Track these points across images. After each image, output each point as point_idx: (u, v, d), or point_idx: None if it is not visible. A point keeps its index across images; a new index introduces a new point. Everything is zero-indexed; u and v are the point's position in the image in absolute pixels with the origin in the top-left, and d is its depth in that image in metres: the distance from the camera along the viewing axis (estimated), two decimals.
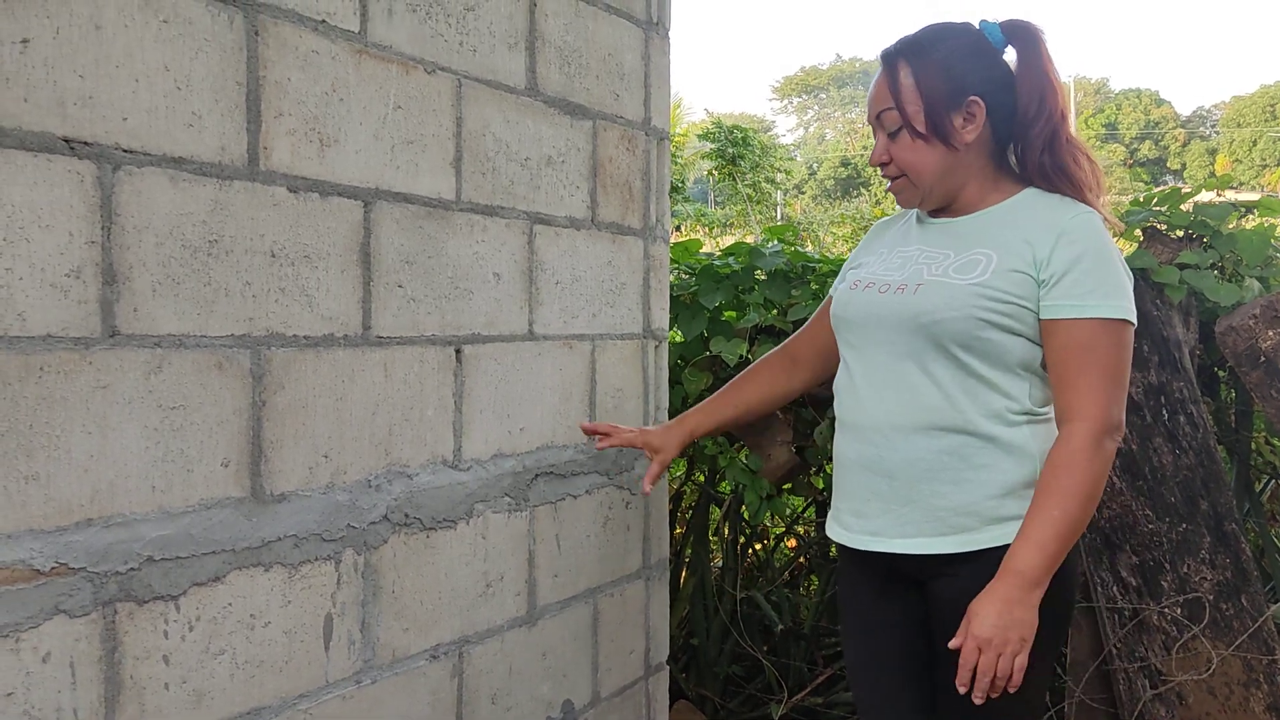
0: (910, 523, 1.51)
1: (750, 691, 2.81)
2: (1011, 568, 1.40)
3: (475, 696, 1.69)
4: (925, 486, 1.50)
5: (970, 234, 1.54)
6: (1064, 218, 1.48)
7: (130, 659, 1.20)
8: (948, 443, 1.48)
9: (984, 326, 1.46)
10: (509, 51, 1.73)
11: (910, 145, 1.53)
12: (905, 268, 1.57)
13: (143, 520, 1.20)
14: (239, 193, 1.30)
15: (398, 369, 1.54)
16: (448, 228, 1.62)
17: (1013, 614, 1.39)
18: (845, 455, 1.61)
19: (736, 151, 12.70)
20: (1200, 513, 2.21)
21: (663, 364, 2.18)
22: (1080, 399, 1.43)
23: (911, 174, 1.55)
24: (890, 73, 1.54)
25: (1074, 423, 1.43)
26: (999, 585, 1.40)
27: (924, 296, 1.50)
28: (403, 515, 1.55)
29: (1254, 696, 2.12)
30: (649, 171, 2.10)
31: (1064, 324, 1.44)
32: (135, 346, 1.19)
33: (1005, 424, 1.48)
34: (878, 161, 1.58)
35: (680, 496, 3.00)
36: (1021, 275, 1.46)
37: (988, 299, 1.45)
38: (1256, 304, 2.27)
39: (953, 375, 1.49)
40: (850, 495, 1.60)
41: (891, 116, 1.53)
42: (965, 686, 1.41)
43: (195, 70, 1.24)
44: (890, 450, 1.52)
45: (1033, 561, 1.39)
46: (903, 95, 1.52)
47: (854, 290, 1.61)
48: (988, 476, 1.48)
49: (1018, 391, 1.49)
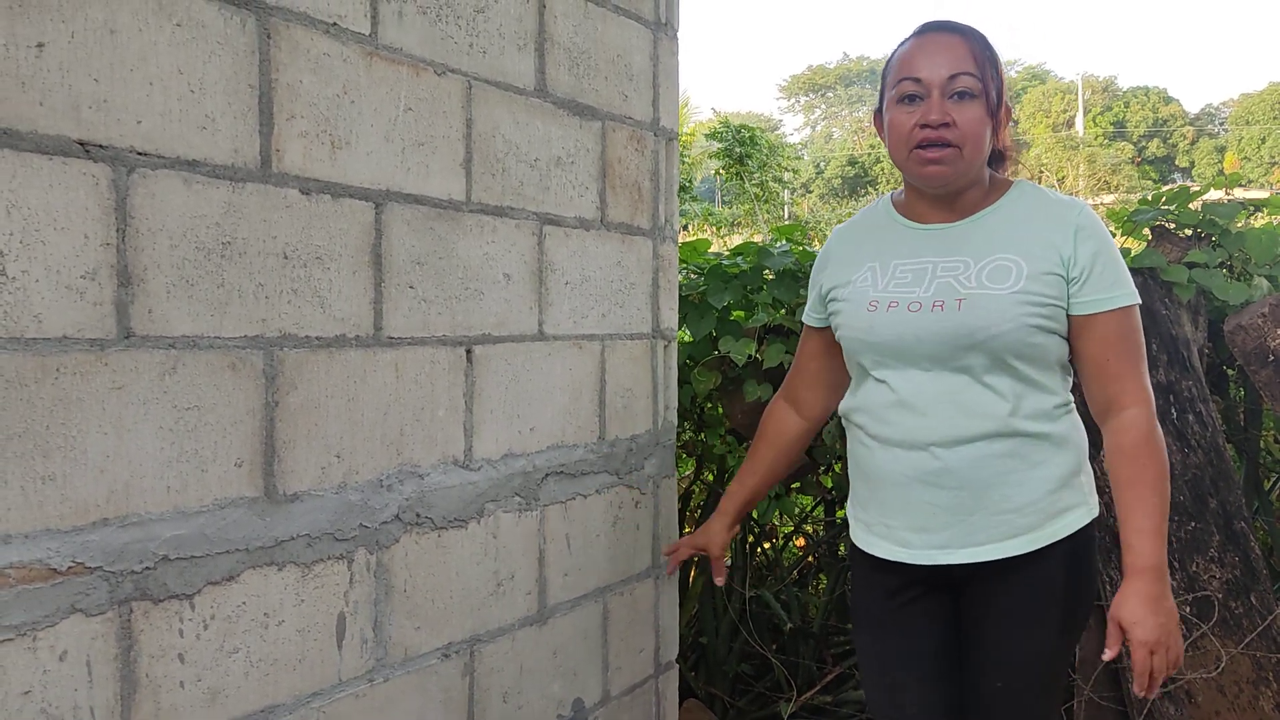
0: (979, 530, 1.52)
1: (759, 690, 2.82)
2: (1142, 565, 1.45)
3: (486, 695, 1.70)
4: (994, 493, 1.51)
5: (980, 238, 1.54)
6: (1070, 214, 1.52)
7: (146, 657, 1.21)
8: (1006, 446, 1.51)
9: (1033, 333, 1.49)
10: (518, 53, 1.73)
11: (978, 117, 1.49)
12: (924, 281, 1.54)
13: (158, 520, 1.21)
14: (252, 195, 1.31)
15: (409, 369, 1.55)
16: (458, 229, 1.63)
17: (1163, 608, 1.45)
18: (894, 473, 1.57)
19: (744, 151, 12.69)
20: (1209, 511, 2.21)
21: (672, 364, 2.19)
22: (1127, 386, 1.49)
23: (968, 146, 1.50)
24: (974, 43, 1.51)
25: (1129, 410, 1.49)
26: (1139, 585, 1.45)
27: (972, 313, 1.48)
28: (414, 515, 1.56)
29: (1263, 694, 2.12)
30: (658, 172, 2.11)
31: (1100, 318, 1.49)
32: (150, 348, 1.20)
33: (1051, 419, 1.53)
34: (941, 120, 1.48)
35: (689, 496, 3.01)
36: (1054, 277, 1.49)
37: (1032, 305, 1.48)
38: (1265, 302, 2.27)
39: (1005, 381, 1.51)
40: (905, 512, 1.57)
41: (970, 82, 1.49)
42: (1144, 690, 1.46)
43: (208, 73, 1.26)
44: (957, 461, 1.52)
45: (1157, 552, 1.45)
46: (986, 68, 1.50)
47: (874, 312, 1.56)
48: (1044, 472, 1.52)
49: (1056, 385, 1.54)
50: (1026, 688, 1.51)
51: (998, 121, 1.55)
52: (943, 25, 1.55)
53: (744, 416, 2.64)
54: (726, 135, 12.75)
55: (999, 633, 1.54)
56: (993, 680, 1.54)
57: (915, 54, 1.53)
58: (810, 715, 2.71)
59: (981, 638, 1.56)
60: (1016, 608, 1.52)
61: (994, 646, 1.55)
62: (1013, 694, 1.53)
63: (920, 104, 1.50)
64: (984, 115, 1.50)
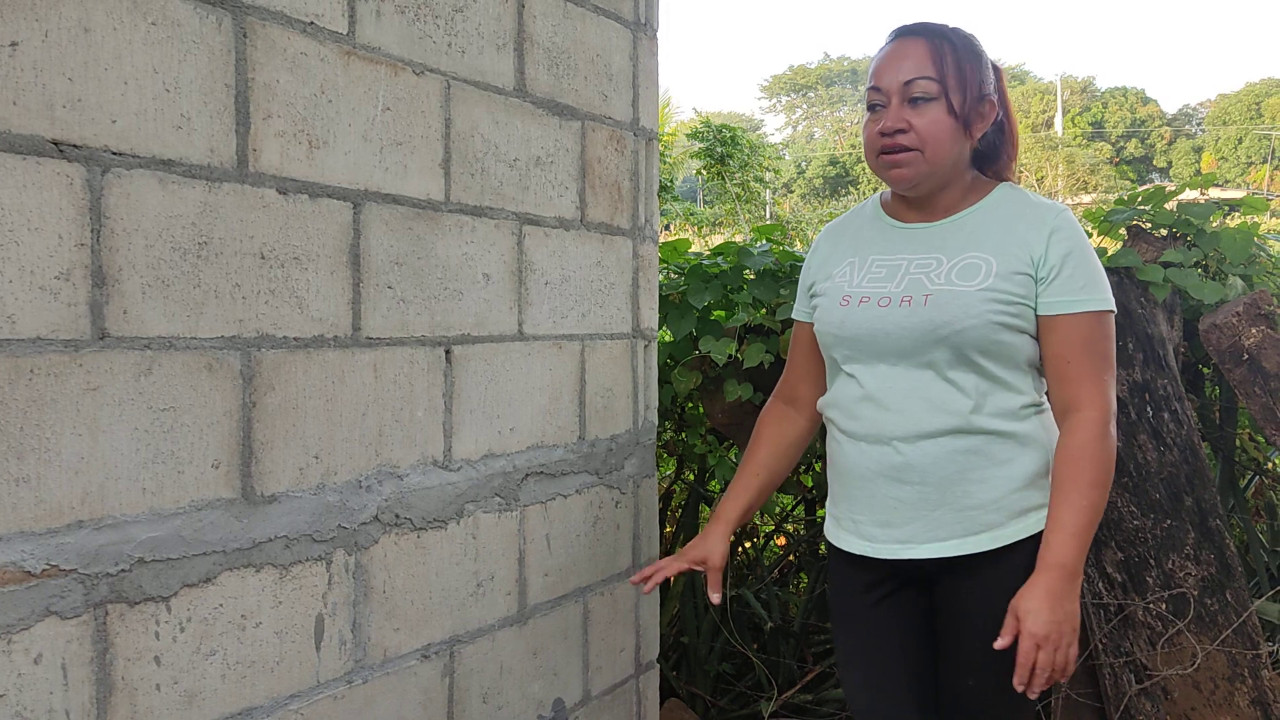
0: (943, 526, 1.53)
1: (740, 689, 2.82)
2: (1052, 561, 1.44)
3: (466, 695, 1.70)
4: (956, 488, 1.52)
5: (955, 237, 1.55)
6: (1048, 216, 1.53)
7: (122, 660, 1.20)
8: (971, 443, 1.52)
9: (999, 330, 1.50)
10: (497, 53, 1.73)
11: (937, 119, 1.51)
12: (898, 278, 1.56)
13: (133, 522, 1.20)
14: (228, 195, 1.30)
15: (388, 370, 1.54)
16: (437, 229, 1.62)
17: (1062, 607, 1.43)
18: (861, 467, 1.59)
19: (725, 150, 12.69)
20: (1185, 509, 2.23)
21: (652, 363, 2.19)
22: (1083, 390, 1.49)
23: (929, 148, 1.51)
24: (935, 46, 1.53)
25: (1080, 412, 1.49)
26: (1043, 579, 1.44)
27: (938, 308, 1.50)
28: (393, 515, 1.56)
29: (1238, 691, 2.14)
30: (637, 172, 2.11)
31: (1064, 319, 1.49)
32: (125, 348, 1.19)
33: (1019, 418, 1.54)
34: (895, 128, 1.51)
35: (670, 495, 3.01)
36: (1024, 276, 1.50)
37: (999, 302, 1.49)
38: (1239, 302, 2.29)
39: (971, 378, 1.52)
40: (871, 507, 1.59)
41: (927, 86, 1.51)
42: (1024, 684, 1.43)
43: (184, 72, 1.25)
44: (920, 457, 1.53)
45: (1071, 552, 1.44)
46: (947, 70, 1.51)
47: (846, 306, 1.59)
48: (1010, 471, 1.52)
49: (1025, 385, 1.54)
50: (997, 687, 1.52)
51: (967, 119, 1.54)
52: (907, 29, 1.57)
53: (724, 416, 2.65)
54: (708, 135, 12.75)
55: (967, 632, 1.54)
56: (964, 679, 1.55)
57: (879, 63, 1.57)
58: (791, 714, 2.72)
59: (952, 636, 1.58)
60: (983, 606, 1.52)
61: (963, 645, 1.56)
62: (984, 693, 1.54)
63: (882, 112, 1.54)
64: (943, 116, 1.51)
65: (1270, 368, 2.22)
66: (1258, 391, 2.24)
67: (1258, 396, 2.24)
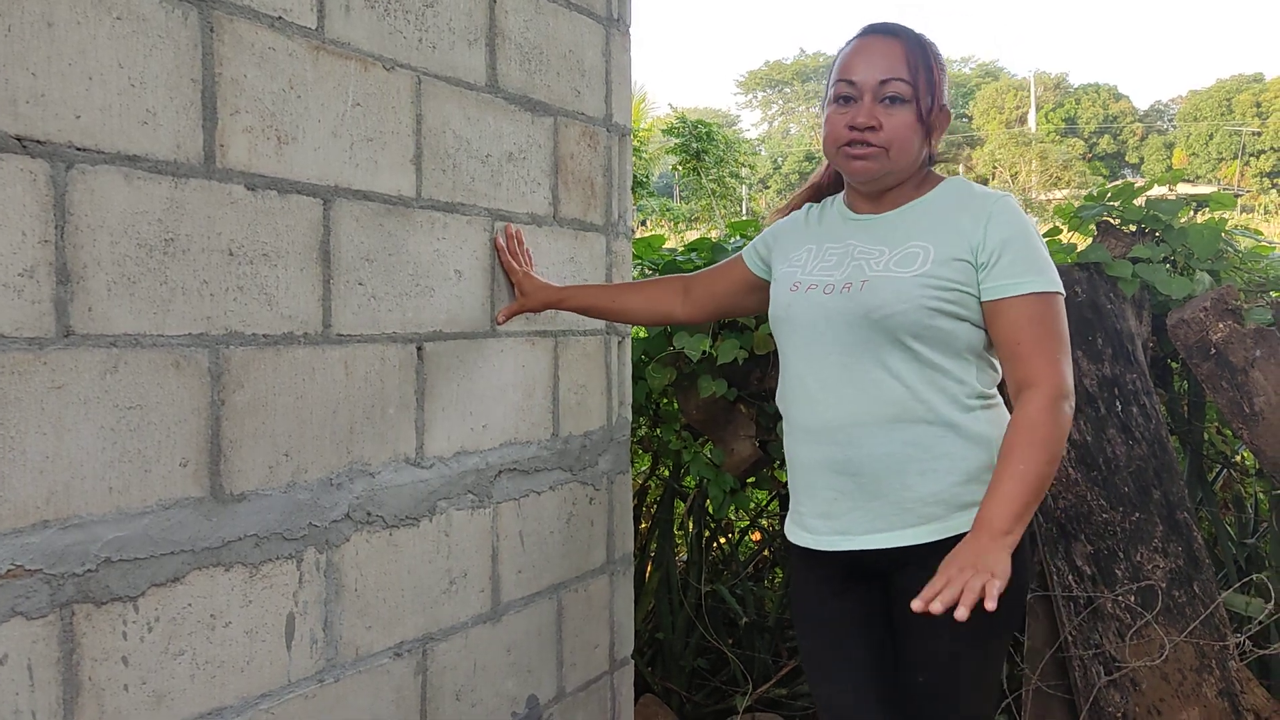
0: (880, 517, 1.53)
1: (716, 684, 2.83)
2: (980, 521, 1.41)
3: (439, 693, 1.69)
4: (894, 480, 1.52)
5: (900, 228, 1.57)
6: (988, 204, 1.55)
7: (89, 660, 1.19)
8: (911, 434, 1.51)
9: (933, 315, 1.50)
10: (469, 48, 1.72)
11: (906, 122, 1.53)
12: (842, 266, 1.58)
13: (100, 521, 1.19)
14: (195, 191, 1.29)
15: (359, 367, 1.54)
16: (408, 225, 1.62)
17: (984, 556, 1.38)
18: (804, 458, 1.61)
19: (701, 146, 12.71)
20: (1153, 502, 2.25)
21: (626, 360, 2.19)
22: (1034, 368, 1.47)
23: (894, 148, 1.53)
24: (910, 49, 1.54)
25: (1030, 389, 1.47)
26: (969, 538, 1.41)
27: (871, 292, 1.51)
28: (365, 513, 1.55)
29: (1206, 682, 2.17)
30: (611, 168, 2.11)
31: (1007, 302, 1.49)
32: (90, 346, 1.18)
33: (962, 409, 1.53)
34: (866, 124, 1.52)
35: (645, 491, 3.02)
36: (961, 263, 1.51)
37: (933, 288, 1.49)
38: (1207, 297, 2.31)
39: (908, 366, 1.52)
40: (813, 498, 1.60)
41: (901, 88, 1.52)
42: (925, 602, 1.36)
43: (149, 67, 1.24)
44: (855, 448, 1.53)
45: (1001, 513, 1.40)
46: (920, 75, 1.53)
47: (795, 293, 1.61)
48: (951, 464, 1.52)
49: (968, 376, 1.54)
50: (950, 683, 1.52)
51: (929, 124, 1.57)
52: (883, 28, 1.58)
53: (699, 412, 2.65)
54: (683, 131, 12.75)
55: (917, 628, 1.52)
56: (915, 675, 1.55)
57: (853, 56, 1.57)
58: (766, 708, 2.72)
59: (902, 632, 1.57)
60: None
61: (914, 642, 1.55)
62: (937, 689, 1.54)
63: (853, 105, 1.55)
64: (913, 120, 1.54)
65: (1237, 362, 2.25)
66: (1225, 385, 2.27)
67: (1225, 390, 2.27)
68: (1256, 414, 2.23)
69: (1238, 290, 2.36)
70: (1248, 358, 2.24)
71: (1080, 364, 2.30)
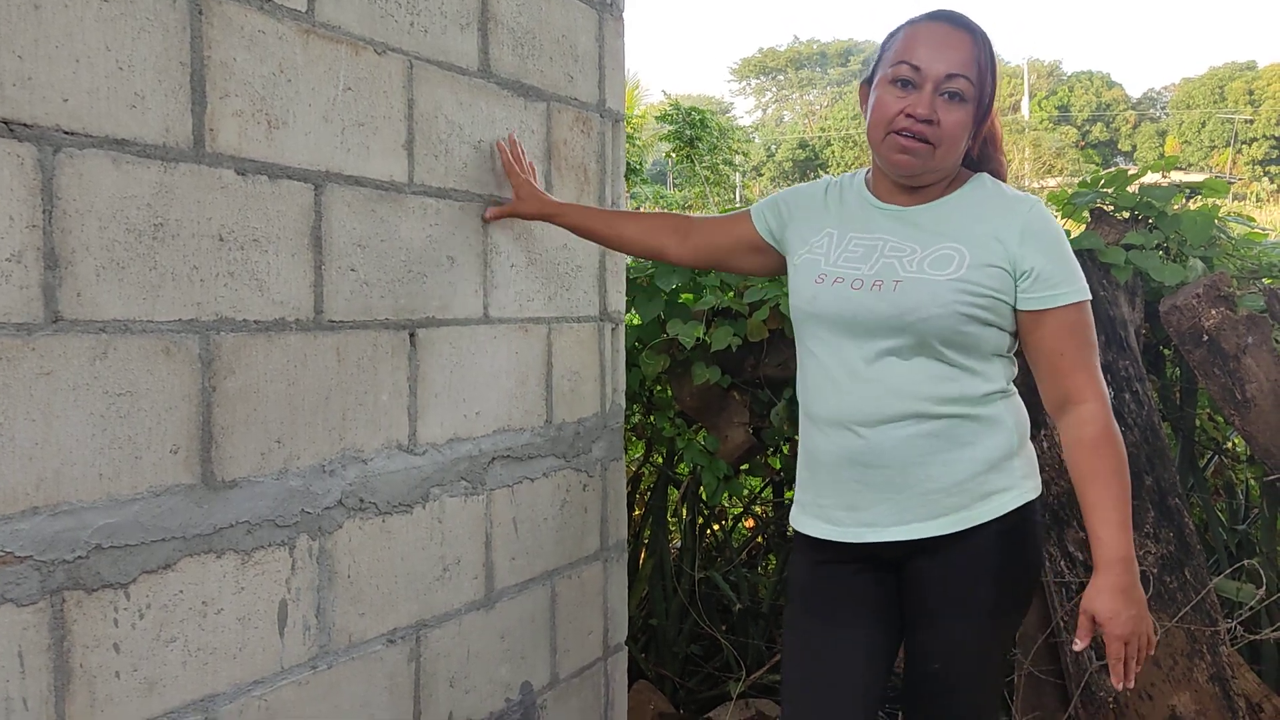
0: (908, 509, 1.53)
1: (709, 670, 2.84)
2: (1112, 557, 1.46)
3: (433, 680, 1.69)
4: (919, 471, 1.52)
5: (932, 225, 1.54)
6: (1022, 210, 1.52)
7: (79, 648, 1.19)
8: (934, 426, 1.51)
9: (965, 321, 1.49)
10: (461, 33, 1.71)
11: (961, 121, 1.49)
12: (871, 260, 1.55)
13: (90, 508, 1.19)
14: (184, 175, 1.28)
15: (351, 353, 1.53)
16: (400, 210, 1.61)
17: (1134, 599, 1.46)
18: (825, 451, 1.59)
19: (694, 133, 12.65)
20: (1145, 488, 2.25)
21: (619, 346, 2.18)
22: (1081, 381, 1.50)
23: (943, 148, 1.49)
24: (980, 47, 1.50)
25: (1085, 404, 1.50)
26: (1110, 578, 1.46)
27: (906, 294, 1.49)
28: (358, 500, 1.54)
29: (1197, 667, 2.18)
30: (604, 154, 2.10)
31: (1051, 313, 1.49)
32: (79, 332, 1.17)
33: (982, 403, 1.53)
34: (926, 116, 1.47)
35: (639, 479, 3.02)
36: (997, 270, 1.49)
37: (968, 294, 1.48)
38: (1200, 283, 2.32)
39: (934, 366, 1.51)
40: (836, 490, 1.58)
41: (965, 86, 1.48)
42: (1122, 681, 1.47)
43: (138, 50, 1.22)
44: (881, 440, 1.53)
45: (1125, 543, 1.46)
46: (985, 75, 1.50)
47: (820, 285, 1.57)
48: (973, 454, 1.52)
49: (991, 373, 1.54)
50: (963, 671, 1.53)
51: (980, 129, 1.54)
52: (955, 18, 1.51)
53: (693, 399, 2.65)
54: (677, 118, 12.70)
55: (932, 616, 1.55)
56: (930, 663, 1.55)
57: (920, 40, 1.50)
58: (759, 694, 2.73)
59: (917, 621, 1.57)
60: (948, 591, 1.53)
61: (929, 629, 1.56)
62: (950, 678, 1.54)
63: (912, 91, 1.49)
64: (968, 120, 1.50)
65: (1229, 349, 2.25)
66: (1217, 372, 2.27)
67: (1217, 377, 2.27)
68: (1248, 400, 2.24)
69: (1230, 277, 2.36)
70: (1240, 344, 2.24)
71: None
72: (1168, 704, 2.16)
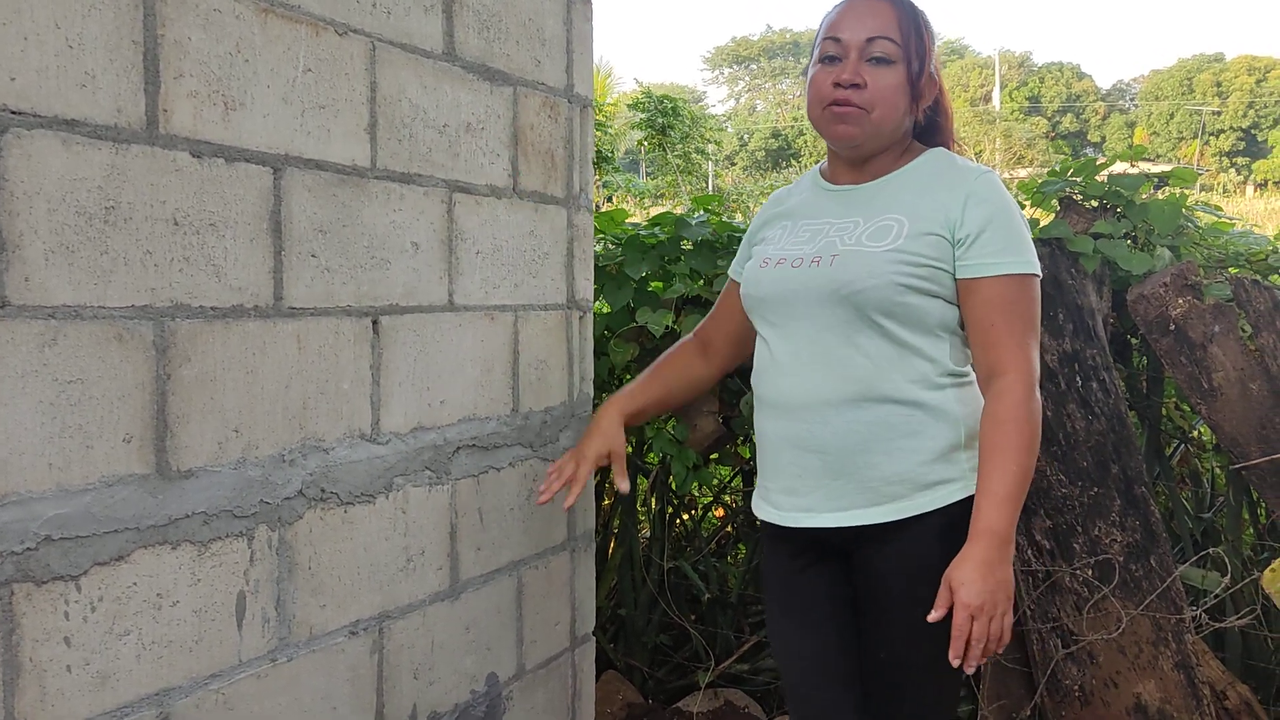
0: (844, 496, 1.52)
1: (678, 660, 2.83)
2: (984, 528, 1.41)
3: (396, 671, 1.67)
4: (859, 459, 1.50)
5: (877, 200, 1.55)
6: (969, 179, 1.52)
7: (29, 641, 1.16)
8: (877, 413, 1.50)
9: (903, 291, 1.47)
10: (425, 14, 1.68)
11: (892, 84, 1.50)
12: (815, 240, 1.56)
13: (39, 499, 1.15)
14: (137, 157, 1.25)
15: (312, 341, 1.50)
16: (363, 195, 1.58)
17: (995, 576, 1.40)
18: (772, 434, 1.59)
19: (666, 122, 12.65)
20: (1111, 476, 2.26)
21: (587, 335, 2.16)
22: (1007, 353, 1.46)
23: (878, 109, 1.50)
24: (902, 11, 1.51)
25: (1005, 376, 1.46)
26: (975, 549, 1.41)
27: (841, 267, 1.49)
28: (319, 490, 1.52)
29: (1162, 655, 2.19)
30: (572, 139, 2.08)
31: (984, 282, 1.47)
32: (27, 318, 1.14)
33: (931, 388, 1.51)
34: (851, 81, 1.49)
35: (606, 469, 2.99)
36: (935, 237, 1.48)
37: (905, 263, 1.47)
38: (1167, 272, 2.32)
39: (877, 344, 1.50)
40: (779, 474, 1.59)
41: (888, 47, 1.49)
42: (959, 658, 1.39)
43: (88, 28, 1.19)
44: (821, 426, 1.52)
45: (1003, 518, 1.41)
46: (909, 37, 1.50)
47: (764, 268, 1.58)
48: (918, 444, 1.50)
49: (939, 354, 1.52)
50: (911, 661, 1.52)
51: (918, 90, 1.54)
52: None
53: None
54: (649, 106, 12.68)
55: (879, 605, 1.54)
56: (877, 652, 1.55)
57: (841, 15, 1.54)
58: (728, 683, 2.73)
59: (866, 610, 1.57)
60: (893, 580, 1.52)
61: (874, 618, 1.55)
62: (898, 666, 1.54)
63: (839, 64, 1.52)
64: (901, 82, 1.51)
65: (1195, 338, 2.26)
66: (1183, 361, 2.28)
67: (1183, 366, 2.28)
68: (1214, 389, 2.25)
69: (1197, 266, 2.37)
70: (1206, 333, 2.26)
71: (1041, 339, 2.30)
72: (1133, 692, 2.18)
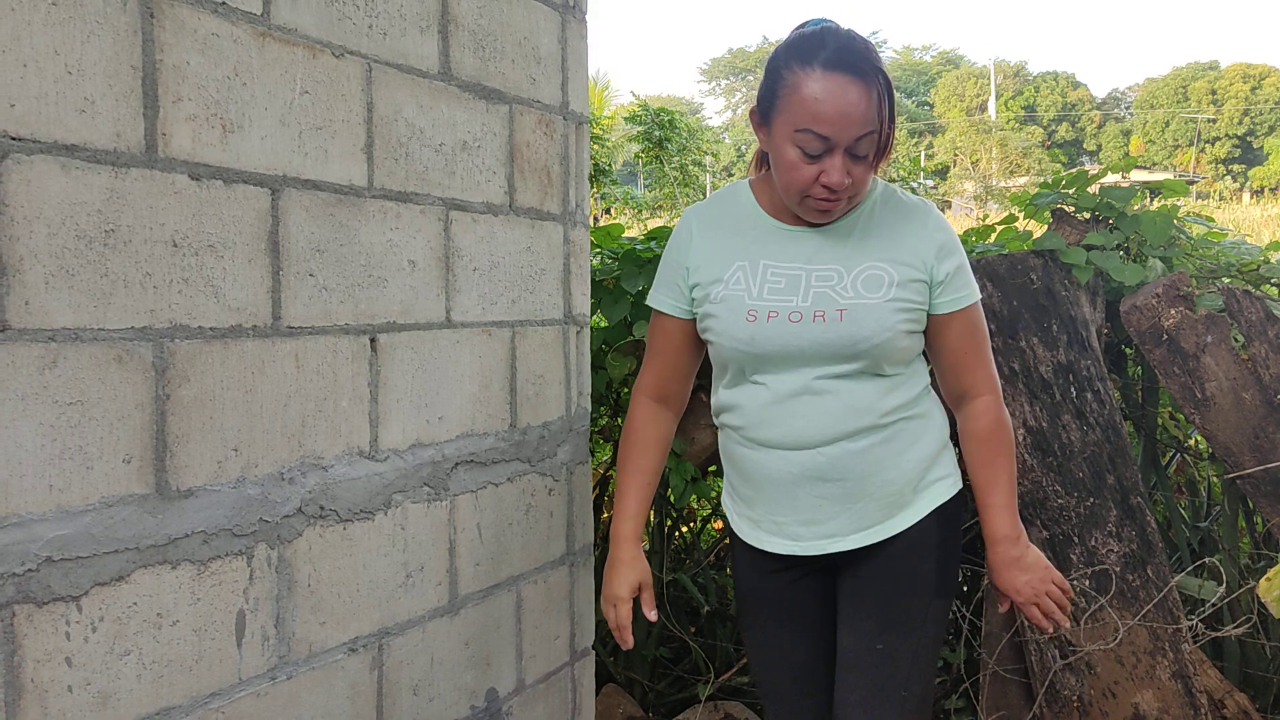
0: (865, 516, 1.60)
1: (678, 673, 2.83)
2: (999, 537, 1.62)
3: (396, 688, 1.67)
4: (876, 478, 1.59)
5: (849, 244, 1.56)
6: (929, 222, 1.59)
7: (31, 662, 1.16)
8: (885, 434, 1.59)
9: (905, 336, 1.57)
10: (421, 35, 1.70)
11: (870, 166, 1.49)
12: (800, 289, 1.54)
13: (40, 520, 1.16)
14: (136, 180, 1.26)
15: (310, 359, 1.51)
16: (360, 215, 1.59)
17: (1025, 565, 1.62)
18: (781, 472, 1.59)
19: (663, 134, 12.67)
20: (1107, 487, 2.27)
21: (585, 350, 2.17)
22: (980, 376, 1.63)
23: (859, 194, 1.52)
24: (877, 90, 1.44)
25: (982, 397, 1.64)
26: (1002, 552, 1.62)
27: (855, 323, 1.52)
28: (318, 508, 1.53)
29: (1159, 664, 2.20)
30: (568, 156, 2.09)
31: (958, 315, 1.60)
32: (28, 341, 1.15)
33: (919, 402, 1.64)
34: (841, 184, 1.46)
35: (606, 482, 3.01)
36: (919, 283, 1.57)
37: (902, 310, 1.55)
38: (1159, 283, 2.34)
39: (879, 381, 1.58)
40: (795, 508, 1.60)
41: (871, 141, 1.45)
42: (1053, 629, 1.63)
43: (87, 54, 1.20)
44: (840, 456, 1.57)
45: (1010, 522, 1.63)
46: (884, 117, 1.46)
47: (754, 323, 1.54)
48: (917, 451, 1.61)
49: (917, 373, 1.65)
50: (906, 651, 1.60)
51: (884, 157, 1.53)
52: (851, 65, 1.43)
53: None
54: (646, 118, 12.71)
55: (881, 595, 1.62)
56: (873, 641, 1.61)
57: (823, 104, 1.43)
58: (728, 696, 2.73)
59: (858, 602, 1.64)
60: (896, 571, 1.62)
61: (870, 608, 1.62)
62: (893, 654, 1.60)
63: (822, 160, 1.46)
64: (877, 159, 1.50)
65: (1188, 348, 2.28)
66: (1176, 371, 2.29)
67: (1176, 376, 2.29)
68: (1208, 399, 2.26)
69: (1189, 277, 2.39)
70: (1199, 343, 2.27)
71: (1036, 350, 2.31)
72: (1131, 702, 2.18)
